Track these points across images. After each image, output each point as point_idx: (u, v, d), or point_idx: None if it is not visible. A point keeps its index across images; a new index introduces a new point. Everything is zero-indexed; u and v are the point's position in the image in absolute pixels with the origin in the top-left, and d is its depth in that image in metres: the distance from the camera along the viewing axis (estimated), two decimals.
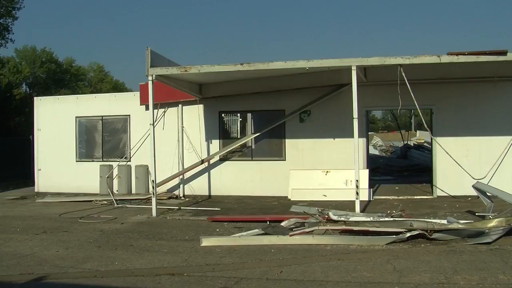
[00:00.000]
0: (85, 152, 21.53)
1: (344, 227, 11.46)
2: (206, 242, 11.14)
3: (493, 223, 10.93)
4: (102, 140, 21.27)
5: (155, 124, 15.77)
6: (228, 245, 11.03)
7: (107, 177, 19.86)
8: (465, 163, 16.13)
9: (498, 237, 10.74)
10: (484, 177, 16.19)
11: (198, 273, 8.95)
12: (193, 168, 19.36)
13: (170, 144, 19.62)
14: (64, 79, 70.51)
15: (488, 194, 13.67)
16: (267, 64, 15.00)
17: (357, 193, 14.15)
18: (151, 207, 15.41)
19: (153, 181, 15.47)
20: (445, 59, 13.97)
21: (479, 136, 17.65)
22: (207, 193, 19.65)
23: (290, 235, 11.15)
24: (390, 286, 8.00)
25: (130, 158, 20.33)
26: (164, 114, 19.73)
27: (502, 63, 14.33)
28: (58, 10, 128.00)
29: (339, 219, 12.16)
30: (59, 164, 21.44)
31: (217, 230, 12.82)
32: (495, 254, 9.76)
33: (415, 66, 14.48)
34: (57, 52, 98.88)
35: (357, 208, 14.07)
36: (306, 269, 9.03)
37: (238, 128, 20.61)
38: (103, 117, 21.15)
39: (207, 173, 19.72)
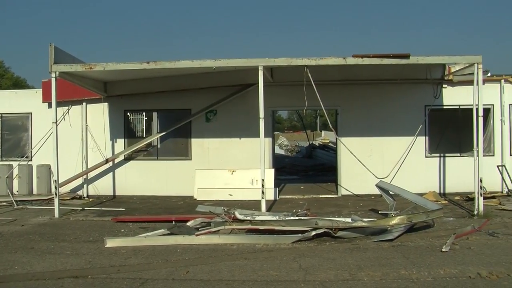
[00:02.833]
0: None
1: (250, 226, 11.55)
2: (111, 243, 10.95)
3: (395, 220, 11.29)
4: (1, 138, 20.42)
5: (58, 122, 15.34)
6: (133, 245, 10.89)
7: (7, 177, 19.11)
8: (369, 162, 16.57)
9: (400, 234, 11.14)
10: (387, 176, 16.71)
11: (102, 275, 8.79)
12: (97, 168, 18.97)
13: (74, 143, 19.09)
14: None
15: (390, 192, 14.15)
16: (173, 62, 14.88)
17: (263, 193, 14.26)
18: (54, 208, 14.95)
19: (55, 181, 15.05)
20: (350, 61, 14.31)
21: (382, 136, 18.26)
22: (111, 193, 19.29)
23: (196, 235, 11.14)
24: (296, 284, 8.12)
25: (32, 157, 19.67)
26: (67, 112, 19.23)
27: (405, 65, 14.85)
28: None
29: (245, 218, 12.24)
30: None
31: (122, 230, 12.63)
32: (397, 250, 10.13)
33: (321, 67, 14.76)
34: None
35: (263, 207, 14.19)
36: (213, 269, 9.04)
37: (144, 127, 20.36)
38: (3, 115, 20.31)
39: (111, 173, 19.38)
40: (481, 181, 13.98)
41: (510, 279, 8.26)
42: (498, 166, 17.95)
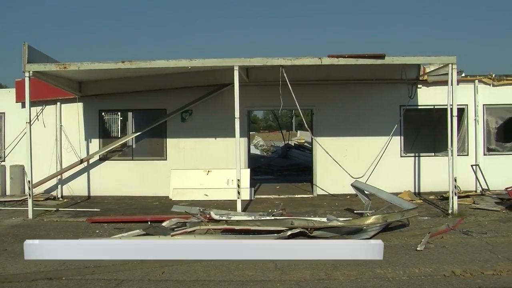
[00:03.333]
0: None
1: (225, 226, 11.53)
2: None
3: (370, 220, 11.35)
4: None
5: (32, 122, 15.19)
6: None
7: None
8: (344, 162, 16.66)
9: (376, 233, 11.23)
10: (362, 176, 16.77)
11: (77, 277, 8.71)
12: (71, 168, 18.80)
13: (48, 143, 18.91)
14: None
15: (366, 192, 14.22)
16: (149, 62, 14.82)
17: (239, 193, 14.28)
18: (27, 209, 14.78)
19: (29, 181, 14.90)
20: (326, 61, 14.35)
21: (358, 136, 18.37)
22: (86, 194, 19.12)
23: (172, 235, 11.09)
24: (272, 284, 8.14)
25: (5, 157, 19.43)
26: (41, 112, 19.04)
27: (381, 66, 14.96)
28: None
29: (221, 218, 12.23)
30: None
31: (97, 231, 12.54)
32: None
33: (297, 67, 14.80)
34: None
35: (239, 207, 14.20)
36: (188, 269, 9.02)
37: (119, 127, 20.24)
38: None
39: (86, 173, 19.22)
40: (455, 180, 14.15)
41: (484, 277, 8.38)
42: (472, 166, 18.17)
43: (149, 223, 12.96)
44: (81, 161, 18.72)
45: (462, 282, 8.14)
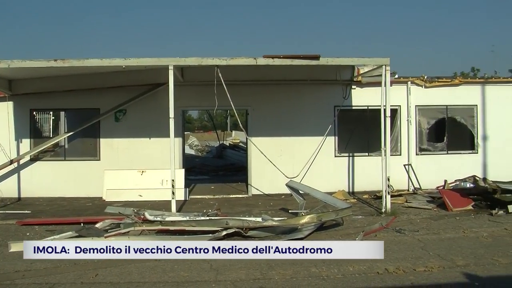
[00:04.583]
0: None
1: (160, 227, 11.44)
2: (15, 247, 10.55)
3: (305, 219, 11.45)
4: None
5: None
6: None
7: None
8: (279, 162, 16.76)
9: (310, 232, 11.34)
10: (297, 176, 16.90)
11: (6, 282, 8.48)
12: (1, 169, 18.22)
13: None
14: None
15: (300, 192, 14.32)
16: (82, 60, 14.53)
17: (173, 193, 14.16)
18: None
19: None
20: (261, 61, 14.39)
21: (293, 136, 18.54)
22: (16, 195, 18.55)
23: (105, 237, 10.91)
24: (208, 285, 8.14)
25: None
26: None
27: (316, 67, 15.11)
28: None
29: (156, 219, 12.09)
30: None
31: (28, 234, 12.24)
32: None
33: (232, 67, 14.78)
34: None
35: (173, 207, 14.08)
36: (122, 271, 8.91)
37: (51, 127, 19.81)
38: None
39: (16, 174, 18.67)
40: (388, 180, 14.43)
41: (416, 273, 8.63)
42: (404, 165, 18.60)
43: (82, 224, 12.73)
44: (11, 162, 18.17)
45: (395, 279, 8.33)
